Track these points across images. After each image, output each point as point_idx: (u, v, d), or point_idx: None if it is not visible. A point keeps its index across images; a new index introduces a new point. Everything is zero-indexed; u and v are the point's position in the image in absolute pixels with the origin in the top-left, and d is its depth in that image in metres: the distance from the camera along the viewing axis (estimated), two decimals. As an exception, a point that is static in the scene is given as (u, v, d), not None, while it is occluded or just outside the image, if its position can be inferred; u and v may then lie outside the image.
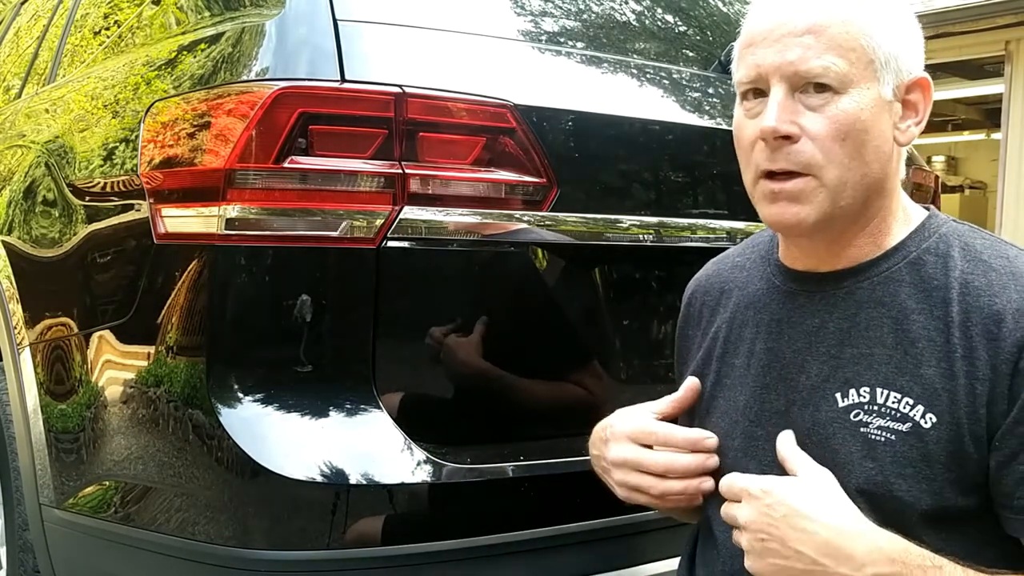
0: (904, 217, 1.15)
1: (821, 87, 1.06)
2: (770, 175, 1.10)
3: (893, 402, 1.07)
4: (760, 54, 1.09)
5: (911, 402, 1.06)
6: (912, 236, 1.13)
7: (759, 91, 1.11)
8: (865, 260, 1.13)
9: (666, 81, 2.02)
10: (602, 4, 2.18)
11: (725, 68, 2.12)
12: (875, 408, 1.08)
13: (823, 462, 1.11)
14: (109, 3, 2.65)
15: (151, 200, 1.67)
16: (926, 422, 1.05)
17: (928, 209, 1.18)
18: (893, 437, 1.06)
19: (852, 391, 1.10)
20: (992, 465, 1.04)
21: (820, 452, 1.12)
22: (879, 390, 1.09)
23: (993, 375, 1.03)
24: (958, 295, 1.07)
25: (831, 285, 1.15)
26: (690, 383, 1.29)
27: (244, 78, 1.64)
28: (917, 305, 1.09)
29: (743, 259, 1.32)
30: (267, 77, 1.60)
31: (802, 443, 1.13)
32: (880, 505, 1.06)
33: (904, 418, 1.06)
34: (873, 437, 1.08)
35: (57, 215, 2.05)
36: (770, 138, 1.07)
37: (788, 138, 1.07)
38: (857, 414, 1.09)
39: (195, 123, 1.64)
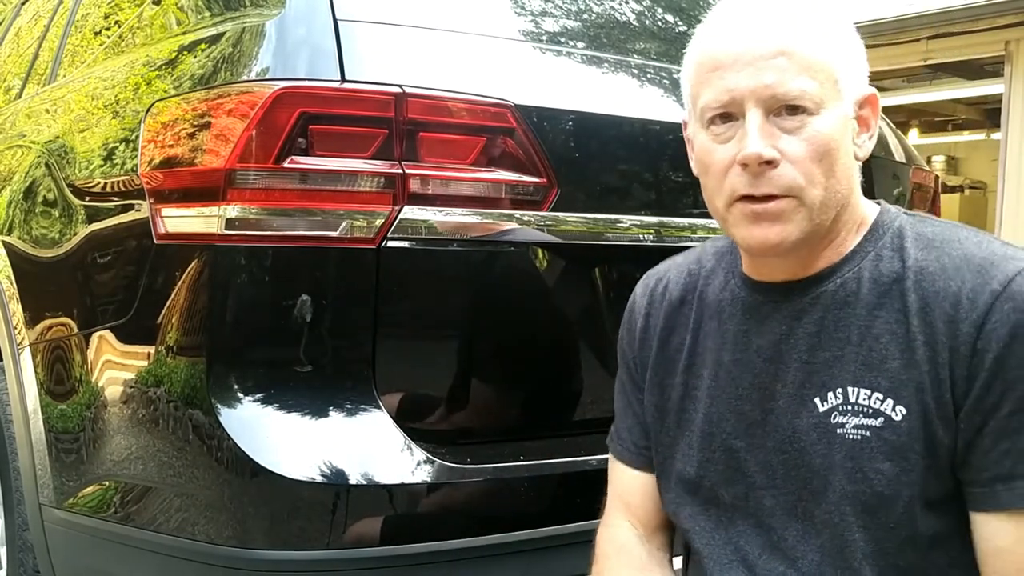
0: (861, 220, 1.16)
1: (794, 109, 1.06)
2: (748, 198, 1.08)
3: (864, 399, 1.08)
4: (731, 78, 1.07)
5: (880, 397, 1.07)
6: (868, 236, 1.14)
7: (727, 115, 1.09)
8: (827, 267, 1.14)
9: (666, 81, 2.02)
10: (602, 4, 2.18)
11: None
12: (849, 407, 1.09)
13: (804, 468, 1.12)
14: (109, 3, 2.65)
15: (151, 200, 1.67)
16: (897, 415, 1.06)
17: (879, 204, 1.19)
18: (868, 434, 1.07)
19: (829, 394, 1.11)
20: (959, 446, 1.05)
21: (799, 459, 1.12)
22: (850, 389, 1.09)
23: (952, 358, 1.04)
24: (913, 284, 1.08)
25: (797, 294, 1.15)
26: None
27: (244, 78, 1.64)
28: (878, 300, 1.10)
29: (698, 267, 1.30)
30: (267, 77, 1.60)
31: (781, 451, 1.13)
32: (863, 502, 1.07)
33: (876, 413, 1.07)
34: (850, 437, 1.08)
35: (57, 215, 2.05)
36: (754, 164, 1.06)
37: (769, 162, 1.06)
38: (835, 416, 1.10)
39: (195, 123, 1.64)
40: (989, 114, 10.92)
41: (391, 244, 1.58)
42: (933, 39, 7.98)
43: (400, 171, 1.58)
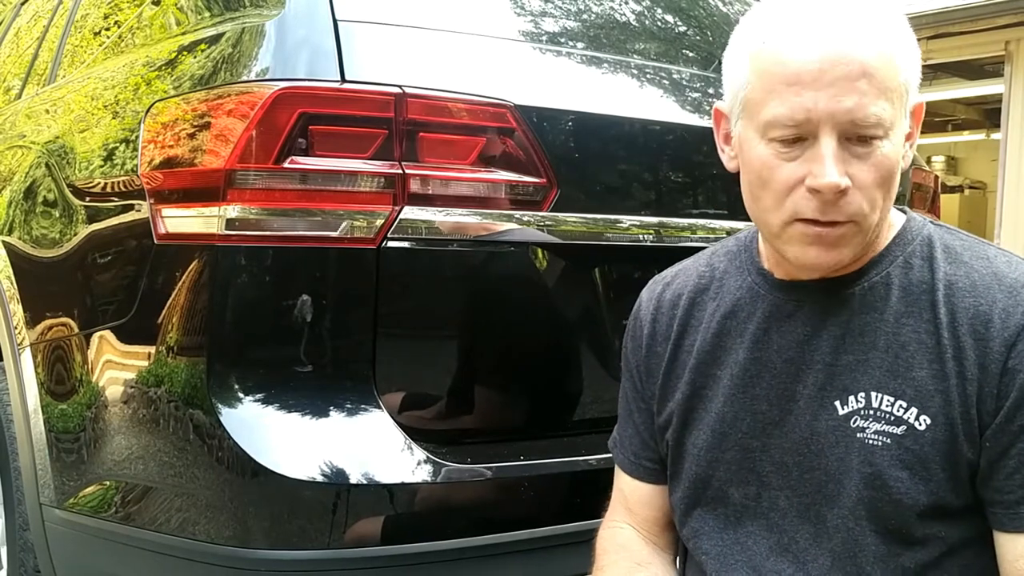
0: (889, 223, 1.14)
1: (867, 134, 1.01)
2: (812, 221, 1.04)
3: (887, 406, 1.07)
4: (810, 96, 1.00)
5: (904, 405, 1.06)
6: (896, 241, 1.13)
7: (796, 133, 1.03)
8: (854, 269, 1.12)
9: (666, 81, 2.02)
10: (602, 4, 2.18)
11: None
12: (871, 413, 1.08)
13: (819, 471, 1.11)
14: (109, 3, 2.65)
15: (151, 200, 1.67)
16: (920, 424, 1.05)
17: (904, 211, 1.18)
18: (889, 441, 1.07)
19: (851, 398, 1.10)
20: (983, 464, 1.05)
21: (817, 461, 1.11)
22: (874, 394, 1.08)
23: (982, 375, 1.04)
24: (944, 297, 1.07)
25: (822, 294, 1.13)
26: None
27: (244, 78, 1.64)
28: (906, 308, 1.09)
29: (709, 270, 1.27)
30: (267, 77, 1.60)
31: (798, 452, 1.13)
32: (878, 508, 1.07)
33: (898, 421, 1.07)
34: (870, 442, 1.08)
35: (57, 215, 2.05)
36: (829, 193, 1.01)
37: (842, 191, 1.02)
38: (855, 420, 1.09)
39: (195, 123, 1.64)
40: (989, 114, 10.91)
41: (391, 244, 1.58)
42: (933, 39, 7.97)
43: (400, 171, 1.58)
